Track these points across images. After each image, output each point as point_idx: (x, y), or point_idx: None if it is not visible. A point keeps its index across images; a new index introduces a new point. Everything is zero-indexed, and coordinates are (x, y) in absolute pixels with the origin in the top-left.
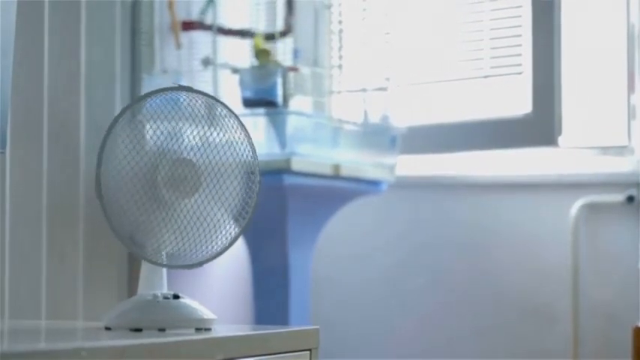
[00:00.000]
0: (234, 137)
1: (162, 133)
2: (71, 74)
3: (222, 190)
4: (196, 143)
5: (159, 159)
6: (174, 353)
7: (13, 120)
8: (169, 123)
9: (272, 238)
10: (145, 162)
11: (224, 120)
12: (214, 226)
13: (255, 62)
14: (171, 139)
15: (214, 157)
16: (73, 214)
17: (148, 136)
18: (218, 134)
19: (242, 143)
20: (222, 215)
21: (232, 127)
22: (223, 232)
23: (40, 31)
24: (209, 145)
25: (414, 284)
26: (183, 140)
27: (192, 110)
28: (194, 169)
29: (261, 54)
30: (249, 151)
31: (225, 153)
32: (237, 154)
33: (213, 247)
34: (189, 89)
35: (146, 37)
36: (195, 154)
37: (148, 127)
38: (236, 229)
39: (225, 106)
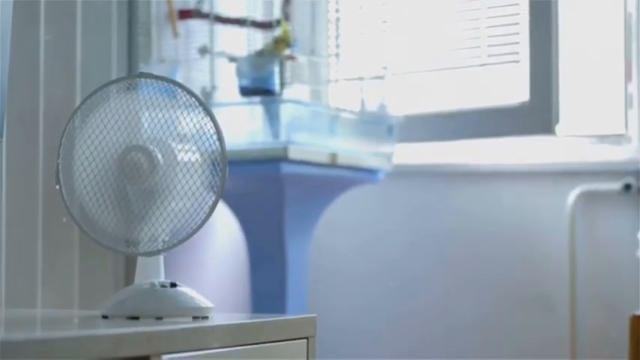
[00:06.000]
0: (196, 122)
1: (121, 123)
2: (67, 64)
3: (191, 173)
4: (152, 129)
5: (114, 149)
6: (172, 341)
7: (10, 109)
8: (129, 112)
9: (269, 226)
10: (103, 156)
11: (183, 103)
12: (194, 203)
13: (264, 44)
14: (128, 128)
15: (169, 139)
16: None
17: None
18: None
19: (204, 127)
20: (201, 192)
21: (193, 111)
22: (204, 207)
23: (36, 22)
24: (166, 129)
25: (412, 273)
26: (139, 128)
27: (151, 97)
28: (147, 154)
29: (280, 42)
30: (210, 137)
31: (192, 138)
32: (200, 138)
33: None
34: (149, 76)
35: (143, 27)
36: (150, 141)
37: (103, 118)
38: (212, 198)
39: (185, 89)
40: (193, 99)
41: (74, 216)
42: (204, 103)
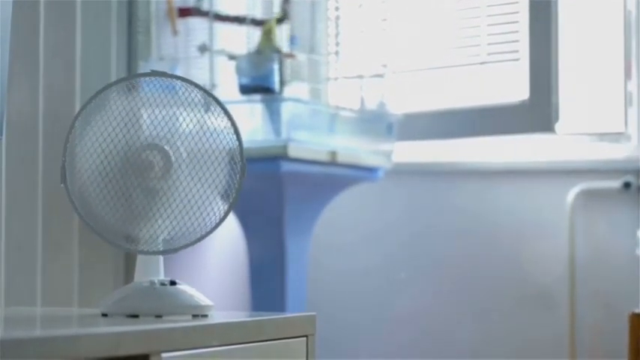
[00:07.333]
0: (217, 123)
1: (130, 122)
2: (67, 62)
3: (203, 172)
4: (169, 129)
5: (126, 147)
6: (171, 339)
7: (10, 109)
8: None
9: (269, 224)
10: (115, 153)
11: (210, 106)
12: (201, 206)
13: (257, 43)
14: (133, 127)
15: (190, 140)
16: (68, 201)
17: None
18: (207, 119)
19: (225, 127)
20: (208, 195)
21: (216, 113)
22: (213, 212)
23: (36, 20)
24: (185, 129)
25: (411, 271)
26: (148, 126)
27: (158, 96)
28: (162, 154)
29: (267, 34)
30: (230, 135)
31: (203, 136)
32: (219, 137)
33: (203, 227)
34: (162, 74)
35: (143, 25)
36: (166, 139)
37: (116, 115)
38: (224, 207)
39: (211, 95)
40: (211, 98)
41: (79, 212)
42: (221, 102)
